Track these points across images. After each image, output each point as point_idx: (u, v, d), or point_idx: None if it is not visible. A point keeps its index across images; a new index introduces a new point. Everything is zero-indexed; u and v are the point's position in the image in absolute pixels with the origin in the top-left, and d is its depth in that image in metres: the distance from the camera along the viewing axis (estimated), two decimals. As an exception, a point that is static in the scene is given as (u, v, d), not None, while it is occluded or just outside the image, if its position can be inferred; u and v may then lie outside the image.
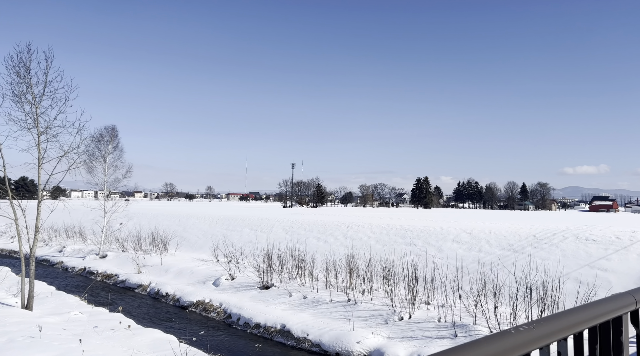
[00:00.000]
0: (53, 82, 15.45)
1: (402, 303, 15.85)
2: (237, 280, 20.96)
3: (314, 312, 16.33)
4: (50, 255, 32.57)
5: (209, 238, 30.76)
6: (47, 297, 18.52)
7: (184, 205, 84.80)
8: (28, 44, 15.28)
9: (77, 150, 15.89)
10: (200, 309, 18.66)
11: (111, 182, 30.56)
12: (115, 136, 30.51)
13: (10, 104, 15.06)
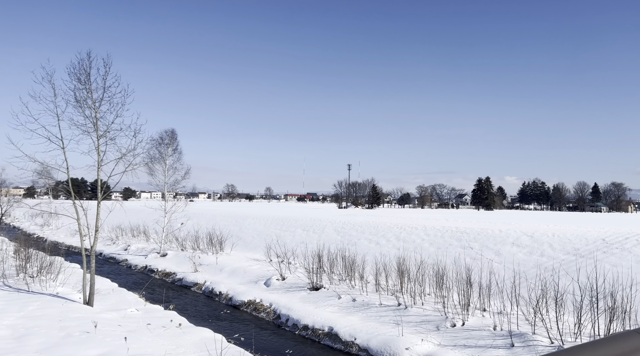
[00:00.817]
0: (111, 87, 16.20)
1: (454, 309, 15.15)
2: (288, 281, 21.00)
3: (363, 316, 15.98)
4: (116, 253, 34.36)
5: (263, 238, 31.17)
6: (109, 294, 19.42)
7: (242, 206, 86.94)
8: (88, 51, 16.11)
9: (133, 152, 16.53)
10: (251, 309, 18.85)
11: (171, 183, 31.75)
12: (174, 139, 31.72)
13: (72, 109, 15.93)
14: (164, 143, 31.20)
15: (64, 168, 16.28)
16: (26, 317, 13.91)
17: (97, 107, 16.10)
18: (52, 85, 15.76)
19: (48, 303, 15.80)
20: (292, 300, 18.52)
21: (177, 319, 15.71)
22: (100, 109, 16.15)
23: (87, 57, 16.00)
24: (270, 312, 17.96)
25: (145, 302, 18.59)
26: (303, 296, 18.86)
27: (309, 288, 19.55)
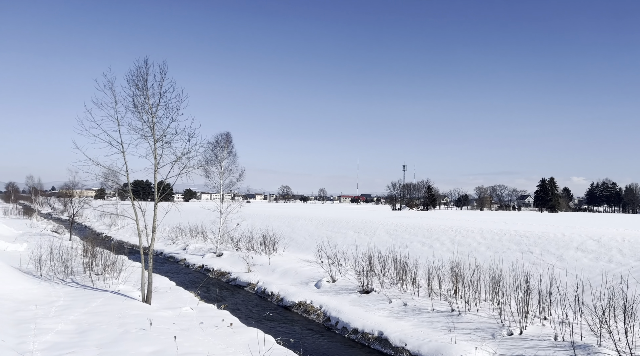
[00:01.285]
0: (166, 93, 16.80)
1: (512, 317, 14.42)
2: (338, 283, 20.90)
3: (414, 321, 15.58)
4: (176, 253, 35.71)
5: (314, 239, 31.27)
6: (166, 292, 20.15)
7: (296, 207, 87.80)
8: (146, 58, 16.80)
9: (187, 155, 17.06)
10: (301, 310, 18.91)
11: (226, 185, 32.58)
12: (229, 142, 32.53)
13: (131, 114, 16.68)
14: (219, 146, 32.11)
15: (124, 171, 17.08)
16: (89, 313, 14.68)
17: (153, 112, 16.77)
18: (113, 92, 16.58)
19: (110, 300, 16.62)
20: (342, 302, 18.39)
21: (228, 318, 16.01)
22: (156, 114, 16.81)
23: (144, 64, 16.70)
24: (320, 314, 17.93)
25: (200, 301, 19.11)
26: (353, 299, 18.69)
27: (359, 291, 19.34)
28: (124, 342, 11.62)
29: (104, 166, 16.77)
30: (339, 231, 32.32)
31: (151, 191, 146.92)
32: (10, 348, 10.62)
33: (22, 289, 17.51)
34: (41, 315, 14.27)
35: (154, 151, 16.93)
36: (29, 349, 10.76)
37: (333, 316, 17.17)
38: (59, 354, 10.55)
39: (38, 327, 12.80)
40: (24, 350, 10.61)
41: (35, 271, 21.51)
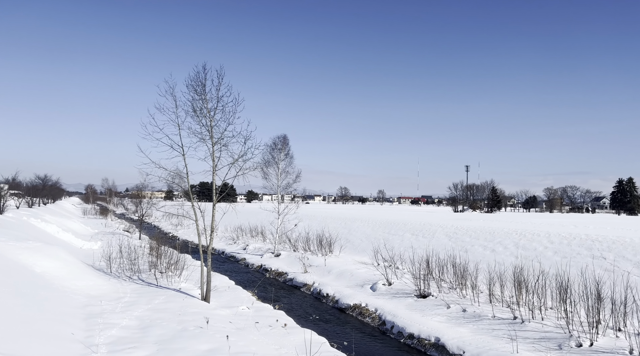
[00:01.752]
0: (223, 97, 17.25)
1: (581, 327, 13.44)
2: (394, 286, 20.51)
3: (473, 328, 14.94)
4: (236, 252, 36.70)
5: (371, 241, 30.95)
6: (225, 291, 20.68)
7: (354, 208, 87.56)
8: (204, 64, 17.35)
9: (243, 158, 17.42)
10: (356, 313, 18.74)
11: (283, 186, 33.05)
12: (286, 144, 32.98)
13: (190, 118, 17.29)
14: (276, 148, 32.63)
15: (185, 173, 17.73)
16: (152, 309, 15.34)
17: (211, 116, 17.28)
18: (174, 97, 17.25)
19: (171, 298, 17.29)
20: (398, 306, 18.02)
21: (283, 319, 16.16)
22: (214, 118, 17.30)
23: (202, 69, 17.25)
24: (375, 318, 17.66)
25: (257, 300, 19.46)
26: (409, 303, 18.25)
27: (416, 295, 18.86)
28: (181, 339, 12.01)
29: (166, 168, 17.47)
30: (396, 233, 31.78)
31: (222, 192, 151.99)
32: (78, 341, 11.29)
33: (93, 285, 18.62)
34: (109, 310, 15.09)
35: (212, 153, 17.44)
36: (95, 342, 11.39)
37: (388, 320, 16.86)
38: (121, 348, 11.08)
39: (105, 322, 13.53)
40: (91, 343, 11.24)
41: (106, 268, 22.85)
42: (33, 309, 13.14)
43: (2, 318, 11.13)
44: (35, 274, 17.43)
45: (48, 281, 17.24)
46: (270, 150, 32.46)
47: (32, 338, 10.57)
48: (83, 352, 10.60)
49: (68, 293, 16.64)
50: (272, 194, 34.49)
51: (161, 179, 18.55)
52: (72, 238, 34.82)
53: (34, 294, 14.66)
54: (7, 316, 11.49)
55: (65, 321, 12.85)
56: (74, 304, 15.35)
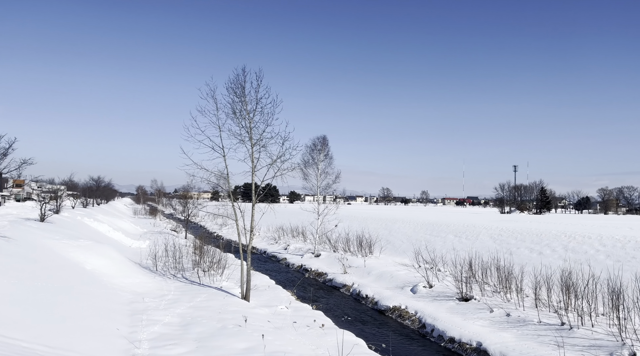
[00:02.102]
0: (262, 98, 17.48)
1: (635, 335, 12.67)
2: (435, 289, 20.09)
3: (517, 333, 14.40)
4: (277, 252, 37.09)
5: (412, 242, 30.47)
6: (265, 290, 20.92)
7: (396, 209, 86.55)
8: (243, 67, 17.65)
9: (281, 159, 17.57)
10: (395, 315, 18.49)
11: (323, 187, 33.11)
12: (325, 145, 33.03)
13: (230, 120, 17.62)
14: (316, 149, 32.74)
15: (225, 174, 18.09)
16: (194, 307, 15.73)
17: (250, 117, 17.54)
18: (215, 100, 17.64)
19: (213, 296, 17.66)
20: (439, 309, 17.63)
21: (321, 319, 16.15)
22: (253, 119, 17.56)
23: (242, 72, 17.56)
24: (415, 320, 17.36)
25: (296, 300, 19.57)
26: (451, 306, 17.81)
27: (457, 298, 18.39)
28: (220, 337, 12.23)
29: (207, 169, 17.88)
30: (438, 235, 31.14)
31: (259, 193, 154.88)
32: (122, 337, 11.73)
33: (139, 282, 19.31)
34: (152, 307, 15.60)
35: (251, 154, 17.70)
36: (138, 338, 11.78)
37: (428, 323, 16.53)
38: (162, 344, 11.41)
39: (148, 318, 13.99)
40: (134, 339, 11.64)
41: (152, 266, 23.65)
42: (82, 305, 13.77)
43: (54, 313, 11.73)
44: (86, 272, 18.28)
45: (97, 278, 18.04)
46: (309, 151, 32.64)
47: (80, 332, 11.06)
48: (127, 347, 11.00)
49: (116, 289, 17.34)
50: (313, 195, 34.61)
51: (203, 180, 18.99)
52: (122, 237, 36.30)
53: (83, 290, 15.36)
54: (58, 311, 12.10)
55: (111, 317, 13.38)
56: (121, 300, 15.97)
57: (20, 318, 9.93)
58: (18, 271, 13.76)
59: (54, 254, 18.40)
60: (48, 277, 15.02)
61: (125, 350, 10.82)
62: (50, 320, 10.97)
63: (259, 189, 18.53)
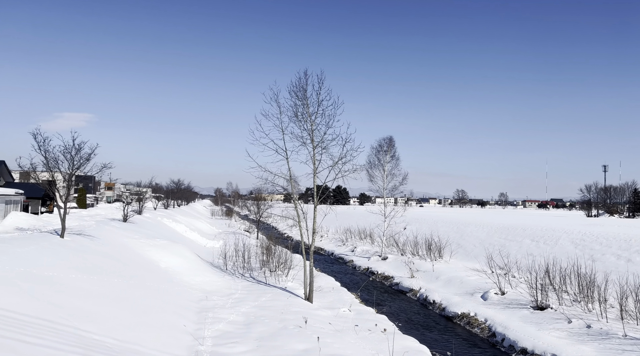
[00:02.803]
0: (323, 101, 17.52)
1: None
2: (508, 296, 18.99)
3: (599, 346, 13.19)
4: (344, 254, 37.06)
5: (485, 247, 29.09)
6: (329, 292, 20.91)
7: (470, 212, 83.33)
8: (305, 70, 17.82)
9: (342, 160, 17.50)
10: (464, 322, 17.71)
11: (390, 189, 32.57)
12: (392, 145, 32.49)
13: (292, 123, 17.85)
14: (382, 150, 32.30)
15: (288, 176, 18.33)
16: (258, 307, 16.07)
17: (312, 120, 17.65)
18: (278, 103, 17.99)
19: (277, 296, 17.95)
20: (511, 318, 16.62)
21: (384, 324, 15.83)
22: (315, 122, 17.65)
23: (304, 75, 17.73)
24: (485, 328, 16.51)
25: (360, 303, 19.36)
26: (524, 315, 16.73)
27: (532, 306, 17.25)
28: (280, 337, 12.37)
29: (271, 171, 18.23)
30: (513, 239, 29.47)
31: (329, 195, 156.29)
32: (188, 333, 12.23)
33: (209, 281, 20.11)
34: (220, 305, 16.15)
35: (313, 156, 17.80)
36: (202, 335, 12.22)
37: (499, 332, 15.65)
38: (224, 342, 11.75)
39: (214, 316, 14.49)
40: (199, 336, 12.09)
41: (222, 265, 24.54)
42: (155, 301, 14.57)
43: (127, 308, 12.50)
44: (161, 269, 19.36)
45: (170, 276, 19.03)
46: (375, 152, 32.28)
47: (149, 327, 11.69)
48: (191, 343, 11.45)
49: (187, 287, 18.18)
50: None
51: (267, 182, 19.36)
52: (197, 236, 38.13)
53: (157, 287, 16.26)
54: (131, 306, 12.88)
55: (180, 314, 14.02)
56: (191, 298, 16.70)
57: (95, 311, 10.67)
58: (98, 267, 14.84)
59: (132, 252, 19.67)
60: (125, 274, 16.07)
61: (189, 346, 11.26)
62: (123, 315, 11.69)
63: (320, 191, 18.57)
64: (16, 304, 8.71)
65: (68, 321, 9.20)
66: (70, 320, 9.34)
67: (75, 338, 8.65)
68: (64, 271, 12.43)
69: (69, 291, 11.14)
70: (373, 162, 32.39)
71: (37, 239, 15.46)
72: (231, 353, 11.00)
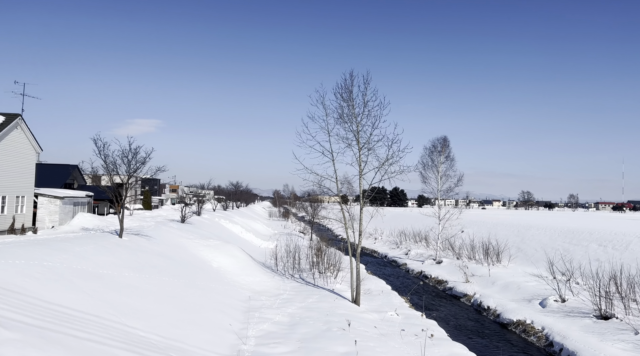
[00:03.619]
0: (369, 101, 17.35)
1: None
2: (568, 303, 17.85)
3: (669, 362, 12.08)
4: (398, 257, 36.44)
5: (546, 251, 27.53)
6: (379, 295, 20.64)
7: (536, 214, 79.28)
8: (351, 71, 17.75)
9: (389, 161, 17.21)
10: (519, 330, 16.85)
11: (444, 190, 31.66)
12: (446, 146, 31.56)
13: (338, 125, 17.81)
14: (436, 151, 31.47)
15: (334, 178, 18.31)
16: (304, 308, 16.15)
17: (358, 121, 17.53)
18: (324, 105, 18.02)
19: (324, 298, 17.95)
20: (571, 327, 15.60)
21: (433, 329, 15.38)
22: (360, 123, 17.51)
23: (349, 76, 17.65)
24: (542, 337, 15.61)
25: (409, 307, 18.95)
26: (586, 324, 15.65)
27: (595, 315, 16.10)
28: (322, 339, 12.34)
29: (317, 173, 18.29)
30: (578, 244, 27.67)
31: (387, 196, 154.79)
32: (233, 332, 12.50)
33: (259, 281, 20.48)
34: (267, 305, 16.39)
35: (359, 158, 17.66)
36: (246, 334, 12.45)
37: (556, 342, 14.74)
38: (267, 342, 11.89)
39: (260, 316, 14.72)
40: (243, 335, 12.33)
41: (273, 266, 24.93)
42: (203, 299, 15.02)
43: (174, 306, 12.98)
44: (212, 269, 19.96)
45: (221, 275, 19.57)
46: (428, 153, 31.48)
47: (195, 325, 12.07)
48: (234, 342, 11.69)
49: (236, 287, 18.62)
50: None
51: (314, 183, 19.44)
52: (252, 237, 39.00)
53: (206, 286, 16.77)
54: (179, 304, 13.36)
55: (227, 313, 14.37)
56: (240, 297, 17.08)
57: (143, 309, 11.16)
58: (151, 266, 15.54)
59: (186, 252, 20.44)
60: (177, 273, 16.71)
61: (232, 344, 11.50)
62: (170, 312, 12.15)
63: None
64: (70, 300, 9.29)
65: (116, 318, 9.68)
66: (118, 316, 9.82)
67: (121, 334, 9.08)
68: (118, 270, 13.11)
69: (120, 288, 11.74)
70: (426, 163, 31.65)
71: (96, 239, 16.44)
72: (272, 353, 11.11)
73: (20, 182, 21.93)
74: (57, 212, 23.79)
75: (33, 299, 8.41)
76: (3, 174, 20.42)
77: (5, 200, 20.21)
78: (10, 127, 19.60)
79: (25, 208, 21.99)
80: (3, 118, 19.63)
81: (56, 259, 11.39)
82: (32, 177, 23.25)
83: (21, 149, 21.71)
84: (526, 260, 27.73)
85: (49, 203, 23.49)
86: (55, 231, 21.34)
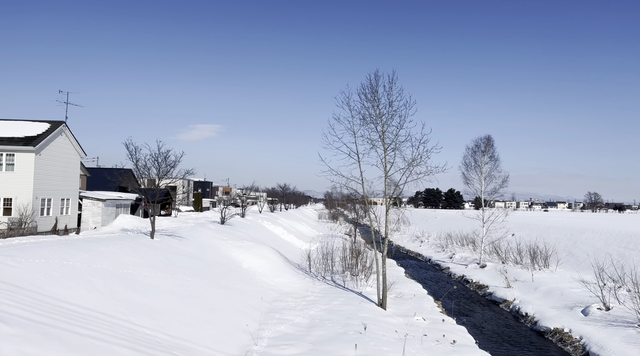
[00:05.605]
0: (395, 101, 16.99)
1: None
2: (613, 312, 16.57)
3: None
4: (441, 260, 35.41)
5: (600, 256, 25.75)
6: (410, 299, 20.10)
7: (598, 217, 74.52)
8: (376, 71, 17.48)
9: (415, 162, 16.76)
10: (556, 338, 15.85)
11: (488, 192, 30.43)
12: (490, 146, 30.33)
13: (364, 126, 17.56)
14: (479, 150, 30.31)
15: (359, 180, 18.07)
16: (327, 310, 16.02)
17: (383, 121, 17.21)
18: (349, 106, 17.85)
19: (349, 300, 17.73)
20: (612, 337, 14.48)
21: (461, 335, 14.78)
22: (385, 123, 17.18)
23: (374, 76, 17.38)
24: (578, 347, 14.60)
25: (441, 312, 18.30)
26: (629, 334, 14.46)
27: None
28: (335, 342, 12.18)
29: (343, 175, 18.12)
30: (635, 248, 25.67)
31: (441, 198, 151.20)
32: (248, 332, 12.60)
33: (288, 282, 20.57)
34: (291, 307, 16.42)
35: (384, 159, 17.33)
36: (261, 335, 12.51)
37: (593, 352, 13.74)
38: (279, 343, 11.90)
39: (281, 317, 14.76)
40: (257, 336, 12.40)
41: (307, 267, 24.96)
42: (225, 299, 15.27)
43: (192, 305, 13.27)
44: (242, 269, 20.27)
45: (251, 276, 19.83)
46: (471, 153, 30.37)
47: (209, 324, 12.28)
48: (246, 343, 11.79)
49: (264, 288, 18.79)
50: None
51: (342, 185, 19.28)
52: (294, 239, 39.29)
53: (232, 286, 17.04)
54: (198, 303, 13.65)
55: (247, 313, 14.52)
56: (265, 298, 17.22)
57: (157, 308, 11.49)
58: (176, 266, 16.00)
59: (217, 253, 20.90)
60: (204, 273, 17.10)
61: (244, 345, 11.61)
62: (186, 311, 12.43)
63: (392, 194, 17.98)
64: (80, 297, 9.74)
65: (125, 316, 10.03)
66: (127, 314, 10.18)
67: (126, 331, 9.39)
68: (139, 269, 13.61)
69: (137, 287, 12.17)
70: (469, 163, 30.55)
71: (125, 240, 17.17)
72: (281, 354, 11.11)
73: (65, 185, 23.40)
74: (100, 214, 25.20)
75: (42, 296, 8.88)
76: (48, 178, 21.90)
77: (50, 202, 21.68)
78: (55, 133, 21.02)
79: (70, 210, 23.45)
80: (48, 125, 21.09)
81: (77, 258, 12.00)
82: (76, 180, 24.74)
83: (65, 155, 23.17)
84: (577, 265, 26.06)
85: (92, 205, 24.93)
86: (96, 232, 22.59)
